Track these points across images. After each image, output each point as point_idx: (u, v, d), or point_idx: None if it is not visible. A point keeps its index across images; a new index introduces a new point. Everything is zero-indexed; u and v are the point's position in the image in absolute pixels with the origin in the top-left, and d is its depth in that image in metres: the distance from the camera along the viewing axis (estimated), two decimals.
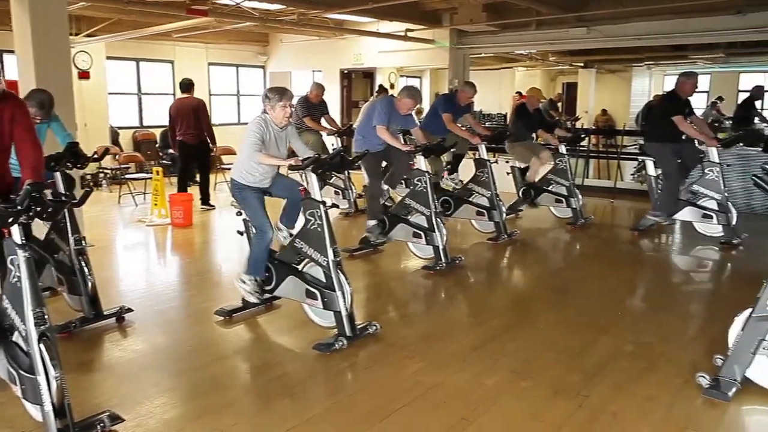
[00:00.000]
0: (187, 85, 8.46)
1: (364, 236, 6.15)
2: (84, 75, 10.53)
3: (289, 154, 4.36)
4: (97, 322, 4.19)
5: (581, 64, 16.92)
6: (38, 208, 2.70)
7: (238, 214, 4.42)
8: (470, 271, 5.80)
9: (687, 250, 6.80)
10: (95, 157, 4.62)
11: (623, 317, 4.55)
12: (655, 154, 6.84)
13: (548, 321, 4.44)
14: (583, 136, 9.30)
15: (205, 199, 8.55)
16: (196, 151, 8.40)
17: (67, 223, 4.10)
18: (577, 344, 3.95)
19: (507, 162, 8.00)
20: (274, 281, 4.27)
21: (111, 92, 11.33)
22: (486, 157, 6.61)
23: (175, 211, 7.49)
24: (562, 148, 7.46)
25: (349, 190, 8.08)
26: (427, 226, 5.60)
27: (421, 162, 5.63)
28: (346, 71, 13.53)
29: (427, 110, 8.54)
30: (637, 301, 5.14)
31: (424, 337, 4.09)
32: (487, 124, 13.52)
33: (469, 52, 11.00)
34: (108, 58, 11.08)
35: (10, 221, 2.66)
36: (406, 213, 5.75)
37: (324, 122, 8.31)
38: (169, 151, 10.75)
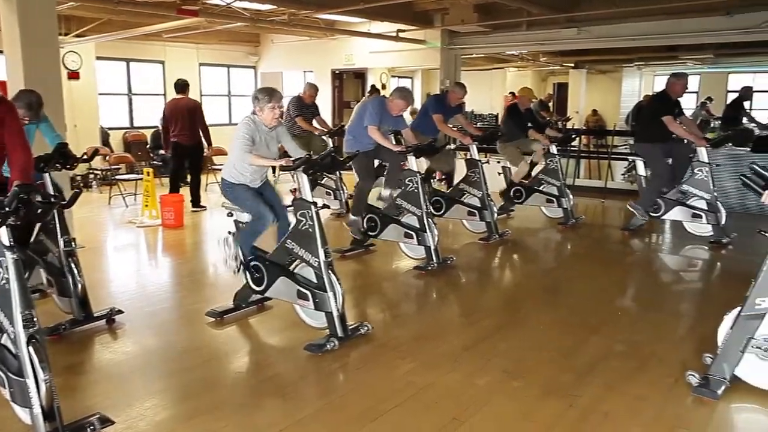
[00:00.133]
0: (182, 86, 8.43)
1: (355, 237, 6.14)
2: (74, 75, 10.46)
3: (281, 155, 4.35)
4: (87, 324, 4.17)
5: (572, 65, 17.00)
6: (27, 210, 2.68)
7: (229, 215, 4.41)
8: (462, 271, 5.81)
9: (677, 250, 6.84)
10: (85, 157, 4.59)
11: (614, 317, 4.57)
12: (645, 154, 6.89)
13: (540, 321, 4.45)
14: (573, 136, 9.35)
15: (196, 201, 8.50)
16: (190, 153, 8.37)
17: (57, 225, 4.07)
18: (569, 344, 3.96)
19: (498, 162, 8.02)
20: (265, 282, 4.25)
21: (101, 93, 11.27)
22: (477, 158, 6.63)
23: (166, 212, 7.47)
24: (553, 148, 7.49)
25: (341, 191, 8.07)
26: (418, 226, 5.60)
27: (413, 162, 5.64)
28: (337, 72, 13.53)
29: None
30: (628, 301, 5.17)
31: (416, 338, 4.09)
32: (478, 124, 13.54)
33: (461, 52, 11.02)
34: (98, 58, 11.02)
35: None
36: (397, 213, 5.75)
37: (315, 123, 8.32)
38: (160, 152, 10.72)
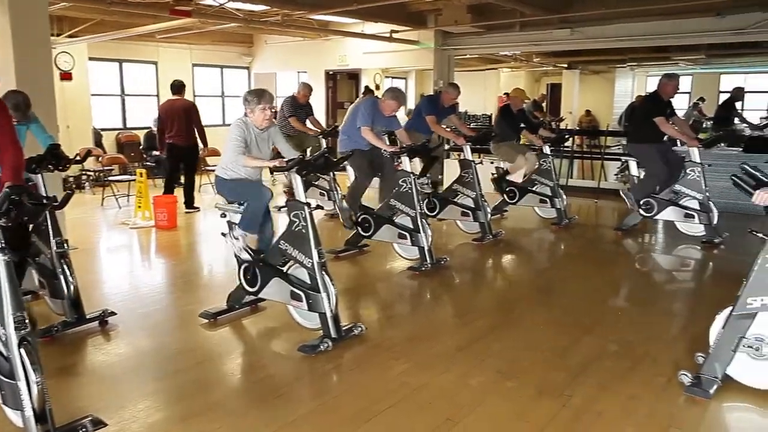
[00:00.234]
0: (178, 87, 8.41)
1: (349, 238, 6.14)
2: (66, 76, 10.41)
3: (274, 155, 4.35)
4: (80, 326, 4.15)
5: (565, 65, 17.04)
6: (18, 211, 2.67)
7: (222, 216, 4.41)
8: (455, 272, 5.81)
9: (669, 250, 6.87)
10: (77, 159, 4.58)
11: (607, 317, 4.59)
12: (639, 154, 6.90)
13: (533, 321, 4.46)
14: (567, 136, 9.38)
15: (189, 202, 8.47)
16: (185, 154, 8.34)
17: (49, 226, 4.05)
18: (562, 344, 3.97)
19: (492, 163, 8.04)
20: (259, 283, 4.25)
21: (94, 93, 11.20)
22: (471, 158, 6.64)
23: (159, 213, 7.44)
24: (547, 149, 7.51)
25: (334, 192, 8.05)
26: (412, 227, 5.61)
27: (406, 163, 5.64)
28: (331, 72, 13.51)
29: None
30: (621, 301, 5.18)
31: (410, 338, 4.09)
32: (472, 125, 13.56)
33: (454, 53, 11.02)
34: (90, 59, 10.96)
35: None
36: (391, 214, 5.75)
37: (309, 124, 8.31)
38: (154, 153, 10.67)
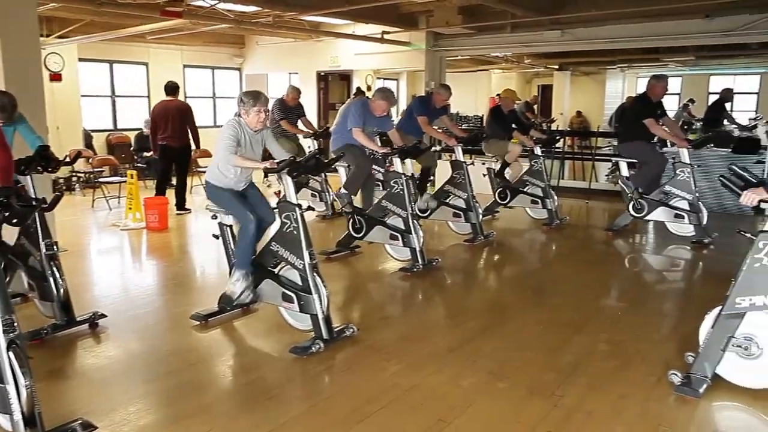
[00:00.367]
0: (173, 88, 8.38)
1: (341, 239, 6.14)
2: (56, 77, 10.35)
3: (266, 157, 4.34)
4: (70, 329, 4.12)
5: (556, 67, 17.12)
6: (6, 213, 2.65)
7: (214, 218, 4.40)
8: (447, 273, 5.82)
9: (660, 250, 6.91)
10: (67, 160, 4.55)
11: (598, 316, 4.61)
12: (632, 152, 6.89)
13: (524, 321, 4.48)
14: (558, 137, 9.42)
15: (181, 204, 8.43)
16: (178, 155, 8.31)
17: (38, 228, 4.02)
18: (553, 344, 3.98)
19: (483, 164, 8.06)
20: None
21: (84, 94, 11.15)
22: (462, 159, 6.66)
23: (150, 214, 7.41)
24: (538, 150, 7.54)
25: (326, 193, 8.06)
26: (404, 228, 5.61)
27: (398, 164, 5.65)
28: (322, 73, 13.52)
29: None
30: (612, 301, 5.21)
31: (401, 339, 4.10)
32: (463, 126, 13.58)
33: (446, 54, 11.05)
34: (81, 59, 10.91)
35: None
36: (382, 215, 5.76)
37: (300, 125, 8.31)
38: (145, 154, 10.62)
